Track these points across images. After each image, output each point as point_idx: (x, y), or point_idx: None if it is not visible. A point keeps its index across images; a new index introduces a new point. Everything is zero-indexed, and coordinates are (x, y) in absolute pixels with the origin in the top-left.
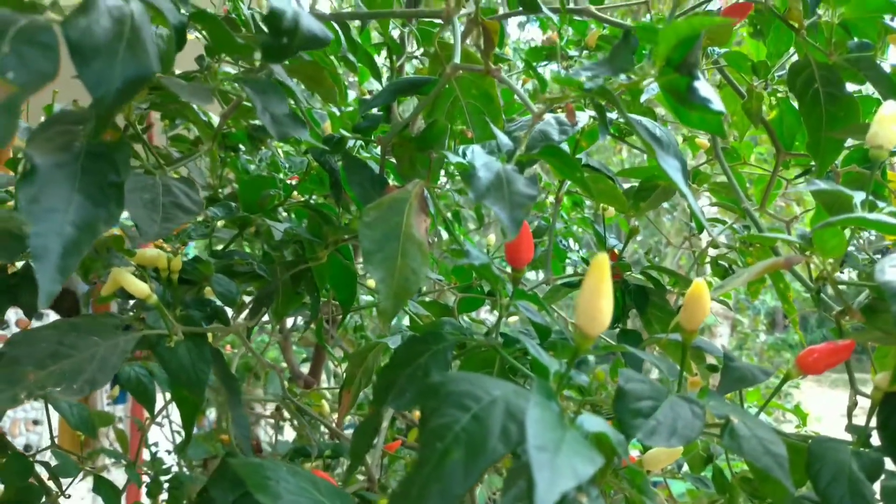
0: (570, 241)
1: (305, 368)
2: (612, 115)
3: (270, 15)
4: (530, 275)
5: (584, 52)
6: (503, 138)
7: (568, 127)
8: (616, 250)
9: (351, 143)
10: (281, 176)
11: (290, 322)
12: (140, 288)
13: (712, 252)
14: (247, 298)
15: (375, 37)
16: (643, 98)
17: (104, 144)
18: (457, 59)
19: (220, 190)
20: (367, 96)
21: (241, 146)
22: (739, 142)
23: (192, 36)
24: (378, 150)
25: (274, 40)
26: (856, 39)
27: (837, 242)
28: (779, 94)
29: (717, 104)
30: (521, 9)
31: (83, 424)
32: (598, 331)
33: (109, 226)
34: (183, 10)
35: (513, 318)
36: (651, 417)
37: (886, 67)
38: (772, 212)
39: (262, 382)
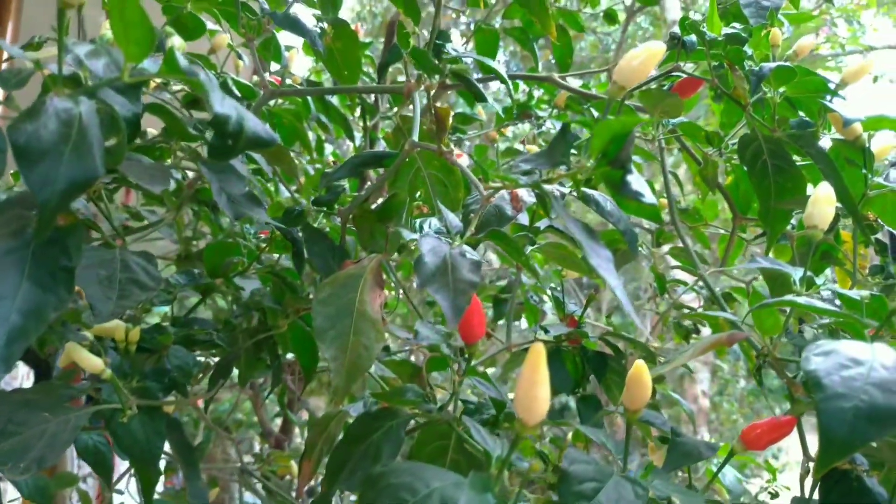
0: (544, 295)
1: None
2: (565, 190)
3: (215, 119)
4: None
5: (554, 110)
6: (452, 219)
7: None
8: (575, 316)
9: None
10: (251, 232)
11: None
12: (93, 363)
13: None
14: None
15: None
16: None
17: (57, 229)
18: (415, 137)
19: (194, 242)
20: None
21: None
22: (702, 201)
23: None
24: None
25: (220, 142)
26: (801, 114)
27: (773, 322)
28: (734, 161)
29: (649, 197)
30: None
31: (37, 494)
32: (537, 419)
33: (59, 311)
34: (135, 106)
35: (490, 370)
36: (593, 500)
37: (827, 142)
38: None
39: (233, 437)
